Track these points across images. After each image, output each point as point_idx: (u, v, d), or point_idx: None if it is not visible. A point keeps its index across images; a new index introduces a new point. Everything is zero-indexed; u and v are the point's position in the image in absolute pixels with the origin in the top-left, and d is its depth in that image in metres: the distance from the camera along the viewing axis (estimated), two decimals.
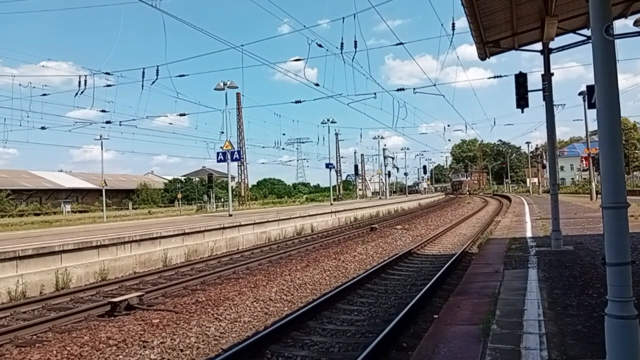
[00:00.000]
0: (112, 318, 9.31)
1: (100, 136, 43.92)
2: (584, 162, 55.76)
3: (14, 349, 7.63)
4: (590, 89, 13.14)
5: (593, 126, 37.12)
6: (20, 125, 31.64)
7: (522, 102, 12.19)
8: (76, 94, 22.70)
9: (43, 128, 31.34)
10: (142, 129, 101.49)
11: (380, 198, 70.50)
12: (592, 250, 11.38)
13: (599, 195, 23.61)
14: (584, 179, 72.38)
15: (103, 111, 28.55)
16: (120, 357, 7.00)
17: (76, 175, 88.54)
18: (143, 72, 20.91)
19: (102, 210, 49.02)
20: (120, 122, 31.03)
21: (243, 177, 66.67)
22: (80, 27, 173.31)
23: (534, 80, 13.48)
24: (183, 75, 23.92)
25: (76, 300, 11.32)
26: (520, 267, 9.63)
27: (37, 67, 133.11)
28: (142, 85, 21.02)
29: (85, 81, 22.73)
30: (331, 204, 43.45)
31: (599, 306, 6.12)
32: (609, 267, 3.86)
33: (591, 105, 15.20)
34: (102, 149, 46.93)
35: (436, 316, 7.15)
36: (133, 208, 74.85)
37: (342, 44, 17.32)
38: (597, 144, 4.13)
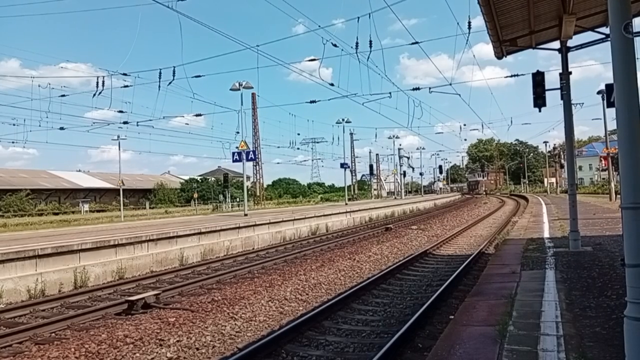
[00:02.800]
0: (130, 316, 9.42)
1: (118, 136, 44.52)
2: (603, 162, 55.06)
3: (33, 346, 7.76)
4: (609, 87, 12.94)
5: (612, 125, 36.63)
6: (40, 125, 32.20)
7: (539, 101, 12.07)
8: (94, 94, 22.96)
9: (62, 128, 31.82)
10: (159, 129, 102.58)
11: (395, 198, 70.29)
12: (611, 251, 11.22)
13: (618, 196, 23.22)
14: (603, 179, 71.39)
15: (120, 112, 28.90)
16: (137, 355, 7.07)
17: (94, 175, 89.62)
18: (160, 73, 21.07)
19: (120, 210, 49.60)
20: (137, 122, 31.48)
21: (258, 177, 66.98)
22: (98, 29, 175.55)
23: (552, 79, 13.34)
24: (199, 76, 24.11)
25: (94, 299, 11.47)
26: (538, 268, 9.53)
27: (56, 68, 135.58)
28: (159, 86, 21.16)
29: (103, 82, 22.98)
30: (346, 204, 43.41)
31: (618, 308, 6.04)
32: (628, 269, 3.80)
33: (610, 104, 14.95)
34: (119, 149, 47.63)
35: (452, 317, 7.11)
36: (150, 207, 75.55)
37: (357, 43, 17.28)
38: (617, 143, 4.07)
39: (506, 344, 5.06)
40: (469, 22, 14.97)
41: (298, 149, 66.80)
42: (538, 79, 12.12)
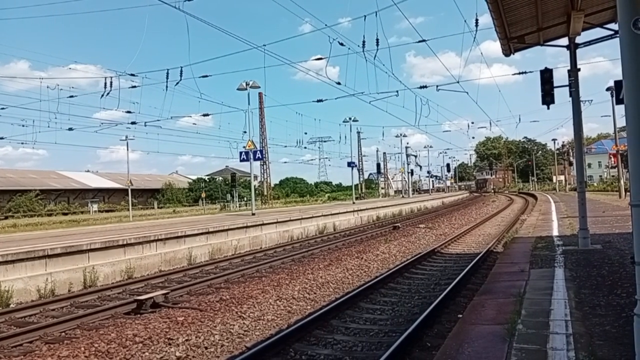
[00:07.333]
0: (138, 315, 9.46)
1: (126, 137, 44.81)
2: (612, 159, 54.69)
3: (43, 345, 7.82)
4: (618, 84, 12.82)
5: (621, 122, 36.34)
6: (49, 126, 32.39)
7: (547, 98, 12.00)
8: (102, 95, 23.03)
9: (70, 129, 31.98)
10: (167, 130, 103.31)
11: (402, 197, 70.12)
12: (620, 249, 11.14)
13: (628, 193, 23.00)
14: (612, 176, 70.90)
15: (128, 112, 29.16)
16: (146, 354, 7.10)
17: (103, 175, 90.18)
18: (167, 73, 21.10)
19: (128, 210, 49.86)
20: (145, 122, 31.68)
21: (266, 176, 67.11)
22: (106, 30, 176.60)
23: (560, 76, 13.26)
24: (206, 76, 24.14)
25: (103, 298, 11.54)
26: (547, 266, 9.49)
27: (65, 69, 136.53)
28: (166, 86, 21.19)
29: (111, 83, 23.05)
30: (353, 203, 43.35)
31: (628, 306, 6.00)
32: (638, 267, 3.78)
33: (619, 101, 14.80)
34: (127, 149, 47.86)
35: (460, 316, 7.09)
36: (158, 207, 75.95)
37: (363, 42, 17.20)
38: (626, 140, 4.05)
39: (515, 342, 5.04)
40: (476, 20, 14.91)
41: (305, 148, 66.94)
42: (546, 76, 12.05)
